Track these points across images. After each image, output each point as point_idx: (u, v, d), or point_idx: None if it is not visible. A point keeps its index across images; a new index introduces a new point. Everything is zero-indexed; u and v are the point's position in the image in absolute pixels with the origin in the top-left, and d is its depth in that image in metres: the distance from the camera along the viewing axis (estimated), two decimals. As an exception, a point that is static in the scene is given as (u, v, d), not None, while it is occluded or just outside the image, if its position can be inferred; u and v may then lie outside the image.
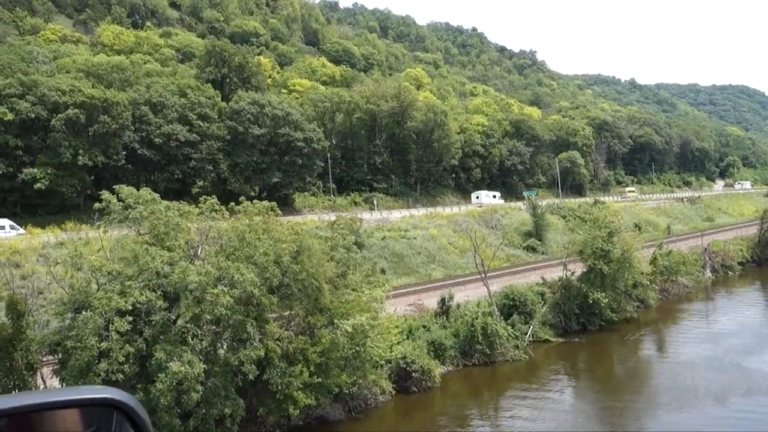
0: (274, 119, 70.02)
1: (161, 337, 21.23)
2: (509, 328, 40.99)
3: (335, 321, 26.20)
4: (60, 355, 22.79)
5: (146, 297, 21.23)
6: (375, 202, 78.55)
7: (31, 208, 59.54)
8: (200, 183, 70.04)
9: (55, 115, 57.38)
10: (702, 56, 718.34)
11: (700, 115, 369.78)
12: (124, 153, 61.53)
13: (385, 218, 69.76)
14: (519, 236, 75.37)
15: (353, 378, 29.02)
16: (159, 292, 21.79)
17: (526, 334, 42.55)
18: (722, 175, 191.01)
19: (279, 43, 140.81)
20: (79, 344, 20.17)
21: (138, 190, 66.81)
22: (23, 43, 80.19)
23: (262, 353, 23.26)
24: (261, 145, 70.28)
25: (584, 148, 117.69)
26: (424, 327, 40.04)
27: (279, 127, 70.01)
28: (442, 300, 42.82)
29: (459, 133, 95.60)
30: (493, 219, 77.78)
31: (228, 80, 79.51)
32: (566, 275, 47.01)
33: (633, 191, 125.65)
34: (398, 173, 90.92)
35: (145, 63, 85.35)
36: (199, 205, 28.38)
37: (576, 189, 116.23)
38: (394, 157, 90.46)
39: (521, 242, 73.73)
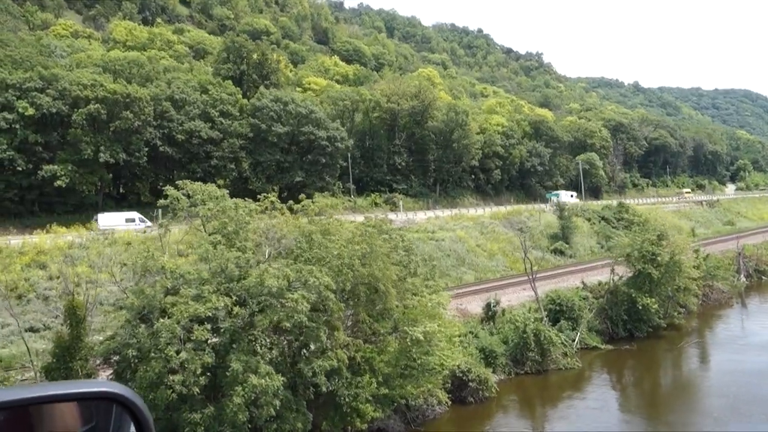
0: (297, 117, 68.18)
1: (233, 346, 19.33)
2: (561, 334, 39.15)
3: (405, 328, 24.28)
4: (116, 366, 20.90)
5: (223, 303, 19.30)
6: (400, 204, 76.65)
7: (49, 207, 57.59)
8: (220, 182, 68.08)
9: (75, 110, 55.46)
10: (705, 60, 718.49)
11: (704, 119, 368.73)
12: (146, 150, 59.61)
13: (410, 219, 67.87)
14: (545, 239, 73.59)
15: (418, 388, 27.15)
16: (234, 297, 19.88)
17: (573, 340, 40.76)
18: (732, 178, 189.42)
19: (290, 42, 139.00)
20: (153, 354, 18.25)
21: (158, 188, 64.96)
22: (34, 39, 78.09)
23: (336, 363, 21.37)
24: (283, 144, 68.46)
25: (602, 149, 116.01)
26: (472, 333, 38.19)
27: (302, 126, 68.18)
28: (488, 305, 41.00)
29: (478, 134, 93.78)
30: (519, 221, 75.96)
31: (247, 77, 77.57)
32: (613, 280, 45.16)
33: (689, 192, 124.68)
34: (417, 174, 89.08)
35: (159, 59, 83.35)
36: (259, 203, 26.39)
37: (593, 191, 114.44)
38: (414, 158, 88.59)
39: (548, 245, 71.92)
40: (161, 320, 18.62)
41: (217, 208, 23.57)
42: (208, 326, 18.67)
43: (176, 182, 27.30)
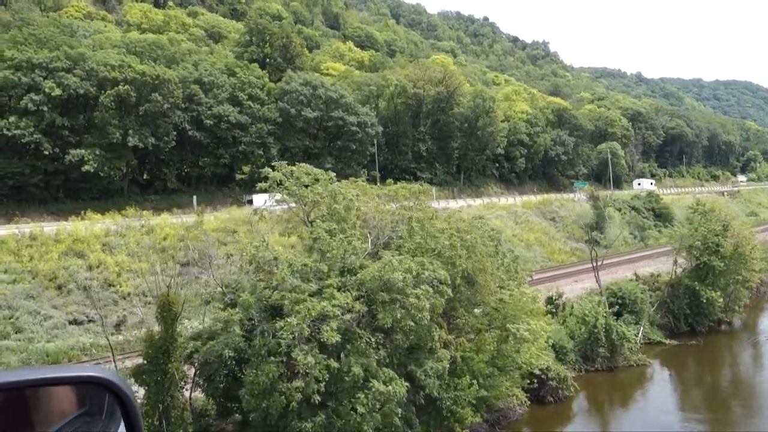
0: (327, 102, 65.87)
1: (346, 347, 17.29)
2: (630, 329, 37.27)
3: (507, 325, 22.28)
4: (200, 368, 18.82)
5: (346, 300, 17.20)
6: (433, 191, 74.58)
7: (74, 193, 55.31)
8: (246, 168, 65.92)
9: (103, 91, 53.08)
10: (706, 51, 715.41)
11: (707, 110, 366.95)
12: (174, 134, 57.30)
13: (443, 208, 65.83)
14: (578, 229, 71.72)
15: (509, 389, 25.23)
16: (353, 293, 17.79)
17: (636, 335, 38.93)
18: (743, 169, 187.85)
19: (303, 27, 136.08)
20: (272, 358, 16.17)
21: (184, 174, 62.71)
22: (51, 20, 75.23)
23: (447, 364, 19.38)
24: (312, 129, 66.22)
25: (623, 139, 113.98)
26: (538, 328, 36.24)
27: (331, 110, 65.88)
28: (549, 298, 39.06)
29: (503, 121, 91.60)
30: (551, 211, 74.04)
31: (271, 60, 75.10)
32: (675, 272, 43.27)
33: (743, 181, 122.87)
34: (441, 162, 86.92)
35: (180, 42, 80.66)
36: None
37: (613, 181, 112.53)
38: (438, 145, 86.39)
39: (583, 235, 69.98)
40: (287, 319, 16.49)
41: (327, 192, 21.35)
42: (334, 325, 16.60)
43: (272, 163, 24.91)
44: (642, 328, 39.66)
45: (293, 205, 22.31)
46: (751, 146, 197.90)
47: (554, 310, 38.49)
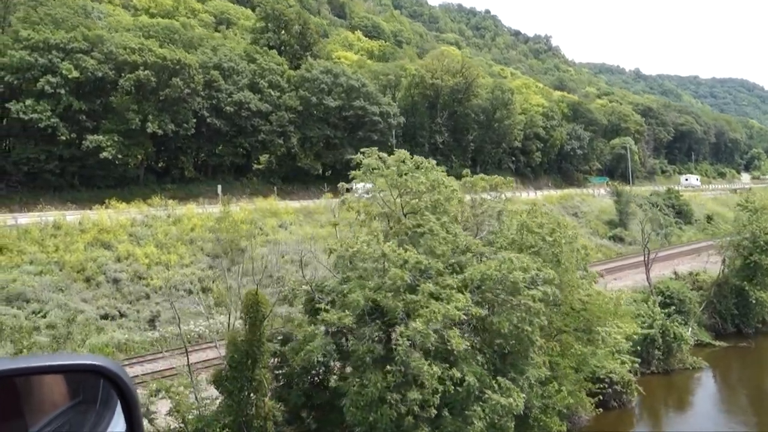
0: (348, 90, 63.90)
1: (454, 353, 15.56)
2: (686, 330, 35.79)
3: (597, 328, 20.63)
4: (282, 375, 17.03)
5: (466, 302, 15.46)
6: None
7: (89, 180, 53.16)
8: (264, 158, 63.93)
9: (122, 75, 50.92)
10: (702, 48, 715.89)
11: (705, 108, 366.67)
12: (194, 121, 55.21)
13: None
14: (602, 225, 70.29)
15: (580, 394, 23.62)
16: (467, 294, 16.05)
17: (689, 336, 37.43)
18: (746, 167, 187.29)
19: (310, 15, 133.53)
20: (391, 366, 14.41)
21: (200, 162, 60.33)
22: (60, 1, 72.55)
23: (546, 372, 17.73)
24: (333, 119, 64.24)
25: (636, 134, 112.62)
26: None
27: (353, 99, 63.91)
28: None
29: (520, 114, 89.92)
30: (573, 206, 72.56)
31: (287, 47, 72.92)
32: (723, 271, 41.81)
33: (746, 179, 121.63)
34: (458, 154, 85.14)
35: (193, 28, 78.30)
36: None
37: (625, 177, 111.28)
38: (454, 137, 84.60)
39: (606, 231, 68.59)
40: (411, 324, 14.72)
41: (429, 181, 19.50)
42: (457, 331, 14.88)
43: (362, 150, 22.96)
44: (691, 329, 38.20)
45: (384, 192, 20.36)
46: (754, 144, 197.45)
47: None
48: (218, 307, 36.02)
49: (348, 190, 53.04)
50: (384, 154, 21.81)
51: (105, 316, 32.31)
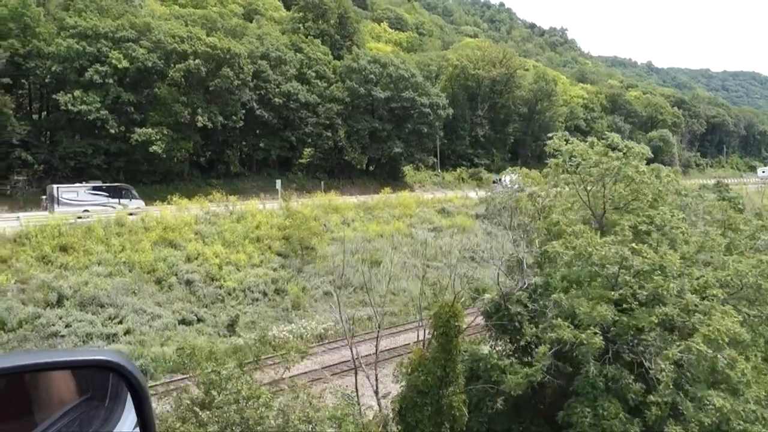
0: (396, 81, 61.33)
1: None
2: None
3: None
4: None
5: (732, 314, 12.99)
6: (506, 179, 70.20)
7: (133, 176, 50.82)
8: (308, 152, 61.39)
9: (172, 65, 48.55)
10: (712, 41, 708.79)
11: (721, 101, 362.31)
12: (243, 113, 52.80)
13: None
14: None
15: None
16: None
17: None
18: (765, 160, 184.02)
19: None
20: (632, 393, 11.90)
21: (244, 156, 57.76)
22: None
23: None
24: (381, 111, 61.70)
25: (673, 126, 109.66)
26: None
27: (401, 90, 61.33)
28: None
29: (561, 106, 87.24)
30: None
31: (327, 37, 70.31)
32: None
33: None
34: (498, 147, 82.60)
35: (231, 17, 75.70)
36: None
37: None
38: (495, 130, 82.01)
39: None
40: (688, 342, 12.26)
41: (650, 170, 16.95)
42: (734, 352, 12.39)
43: (550, 136, 20.51)
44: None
45: (570, 184, 17.85)
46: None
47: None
48: (296, 310, 33.72)
49: (494, 182, 50.99)
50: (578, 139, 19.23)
51: (182, 321, 29.97)
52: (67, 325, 26.88)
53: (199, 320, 30.48)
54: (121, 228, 34.64)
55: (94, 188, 41.97)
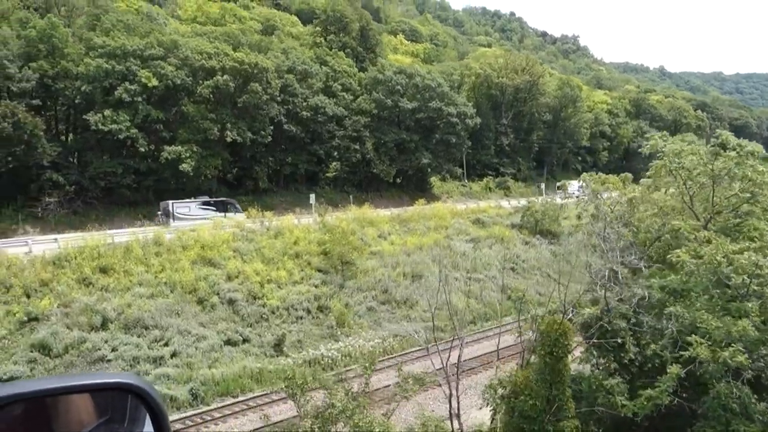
0: (423, 91, 60.54)
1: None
2: None
3: None
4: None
5: None
6: (543, 187, 69.14)
7: (162, 195, 50.20)
8: (334, 165, 60.56)
9: (201, 81, 48.07)
10: (723, 44, 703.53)
11: (739, 103, 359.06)
12: (271, 128, 52.15)
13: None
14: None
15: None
16: None
17: None
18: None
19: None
20: None
21: (271, 172, 56.84)
22: (125, 8, 70.24)
23: None
24: (408, 122, 60.87)
25: (697, 130, 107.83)
26: None
27: (428, 101, 60.50)
28: None
29: (586, 112, 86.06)
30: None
31: (350, 50, 69.80)
32: None
33: None
34: (524, 156, 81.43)
35: (252, 33, 75.50)
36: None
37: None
38: (519, 138, 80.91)
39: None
40: None
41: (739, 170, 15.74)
42: None
43: (647, 135, 19.51)
44: None
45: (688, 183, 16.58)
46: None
47: None
48: (341, 327, 32.68)
49: (559, 188, 50.00)
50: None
51: (227, 342, 29.03)
52: (113, 349, 26.04)
53: (244, 340, 29.54)
54: (159, 247, 33.87)
55: (204, 203, 46.00)
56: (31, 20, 46.85)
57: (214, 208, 45.28)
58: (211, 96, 48.30)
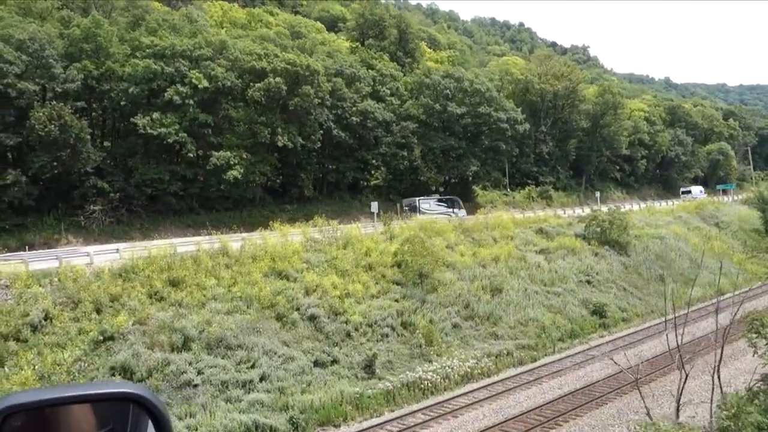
0: (472, 95, 58.15)
1: None
2: None
3: None
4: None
5: None
6: (598, 196, 66.68)
7: (204, 203, 47.67)
8: (380, 172, 58.00)
9: (251, 84, 45.65)
10: (725, 55, 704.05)
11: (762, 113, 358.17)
12: (321, 133, 49.67)
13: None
14: (747, 234, 63.49)
15: None
16: None
17: None
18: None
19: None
20: None
21: (316, 180, 54.28)
22: (165, 10, 67.82)
23: None
24: (456, 127, 58.41)
25: (730, 139, 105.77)
26: None
27: (477, 105, 58.09)
28: None
29: (627, 119, 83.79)
30: (710, 215, 65.92)
31: (389, 54, 67.52)
32: None
33: None
34: (563, 165, 78.98)
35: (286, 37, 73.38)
36: None
37: (721, 185, 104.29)
38: (558, 146, 78.50)
39: (757, 242, 61.68)
40: None
41: None
42: None
43: None
44: None
45: None
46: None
47: None
48: (429, 346, 29.97)
49: (683, 193, 47.88)
50: None
51: (316, 363, 26.30)
52: (199, 372, 23.30)
53: (333, 361, 26.80)
54: (228, 258, 31.22)
55: (439, 200, 52.63)
56: (73, 19, 44.50)
57: (445, 205, 51.14)
58: (262, 99, 45.80)
